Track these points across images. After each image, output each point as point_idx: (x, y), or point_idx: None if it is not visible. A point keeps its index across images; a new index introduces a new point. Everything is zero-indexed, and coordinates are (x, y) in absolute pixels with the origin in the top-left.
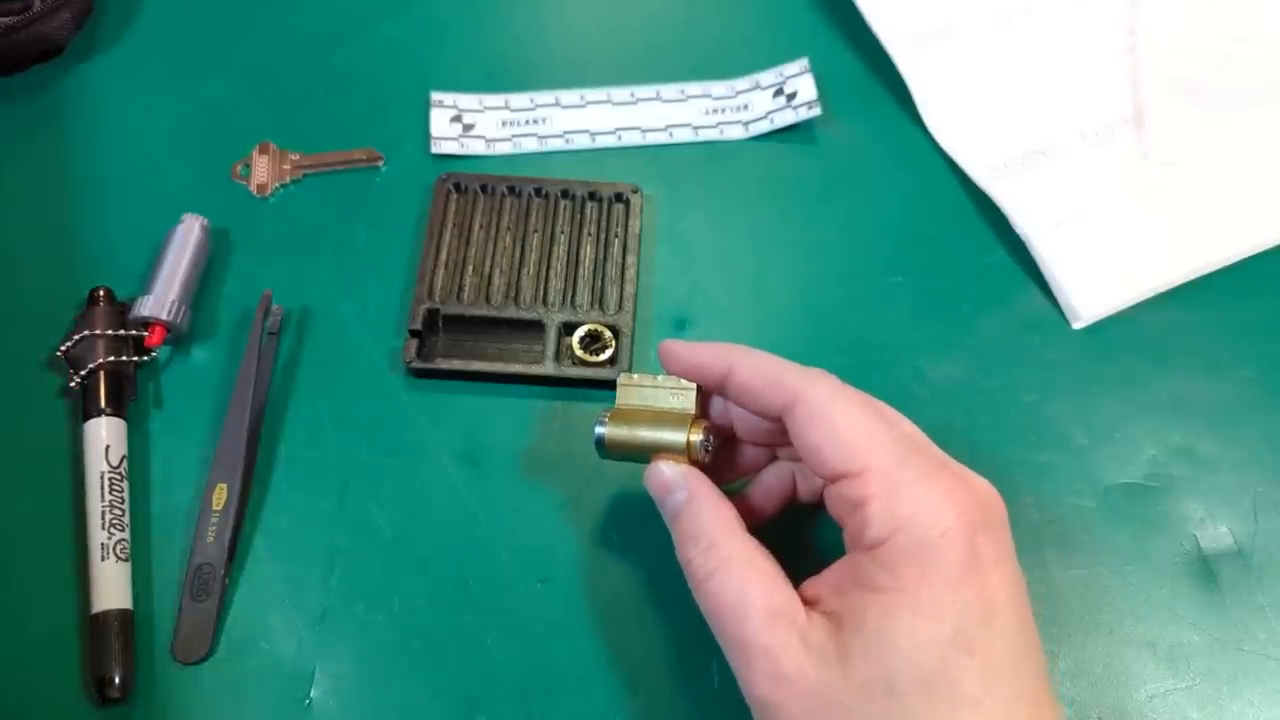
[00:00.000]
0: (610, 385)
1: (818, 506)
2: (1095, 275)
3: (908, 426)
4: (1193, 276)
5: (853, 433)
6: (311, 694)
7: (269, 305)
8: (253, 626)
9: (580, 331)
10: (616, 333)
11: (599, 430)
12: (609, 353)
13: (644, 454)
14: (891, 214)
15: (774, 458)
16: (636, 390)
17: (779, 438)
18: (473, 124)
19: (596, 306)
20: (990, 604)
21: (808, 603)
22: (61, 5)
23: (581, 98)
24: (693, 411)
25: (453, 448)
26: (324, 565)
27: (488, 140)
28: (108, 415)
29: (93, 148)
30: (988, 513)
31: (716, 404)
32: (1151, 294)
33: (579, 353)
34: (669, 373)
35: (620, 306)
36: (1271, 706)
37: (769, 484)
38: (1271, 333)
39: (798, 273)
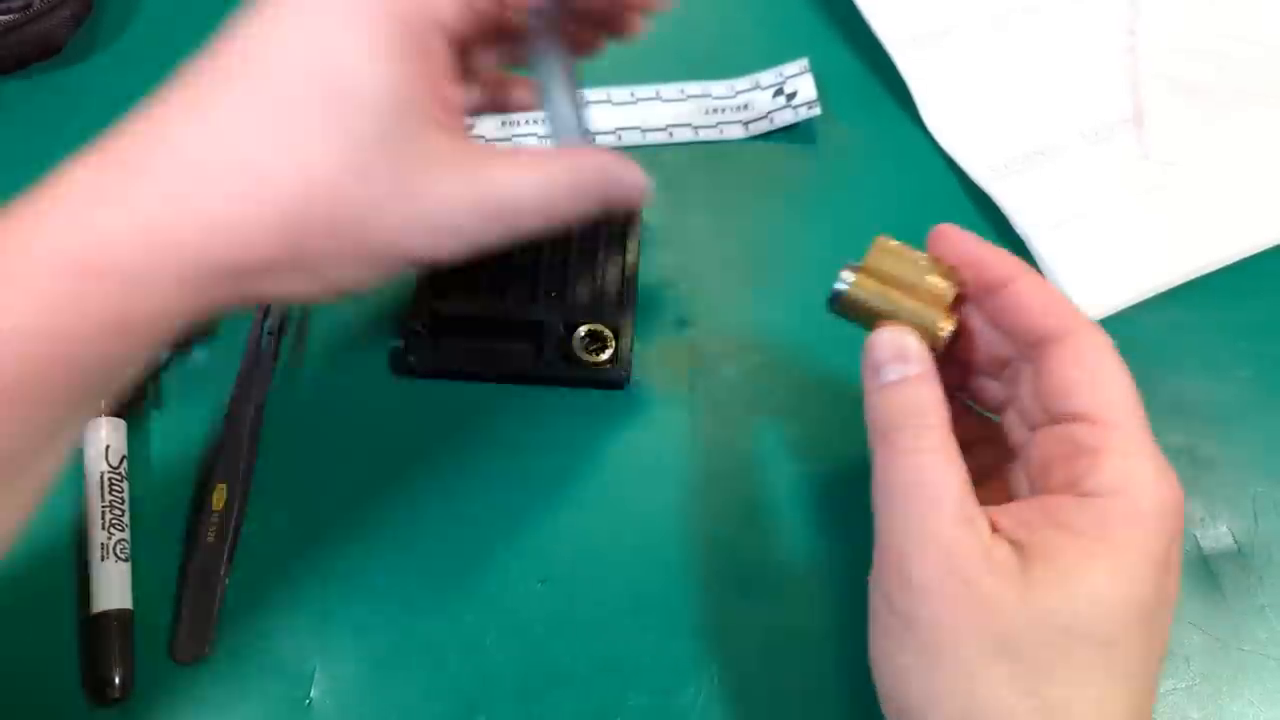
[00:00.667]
0: (611, 385)
1: None
2: (1095, 275)
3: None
4: (1193, 276)
5: (1117, 385)
6: (311, 694)
7: (269, 305)
8: (253, 626)
9: (580, 331)
10: (616, 333)
11: (842, 285)
12: (609, 353)
13: (876, 320)
14: (891, 214)
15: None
16: (891, 256)
17: (997, 370)
18: (472, 124)
19: (596, 306)
20: (1166, 601)
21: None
22: (60, 3)
23: None
24: (950, 297)
25: (453, 448)
26: (324, 565)
27: (487, 140)
28: (108, 415)
29: None
30: (1182, 518)
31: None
32: (1151, 294)
33: (579, 353)
34: (938, 259)
35: (620, 307)
36: (1271, 706)
37: None
38: (1271, 333)
39: (798, 273)
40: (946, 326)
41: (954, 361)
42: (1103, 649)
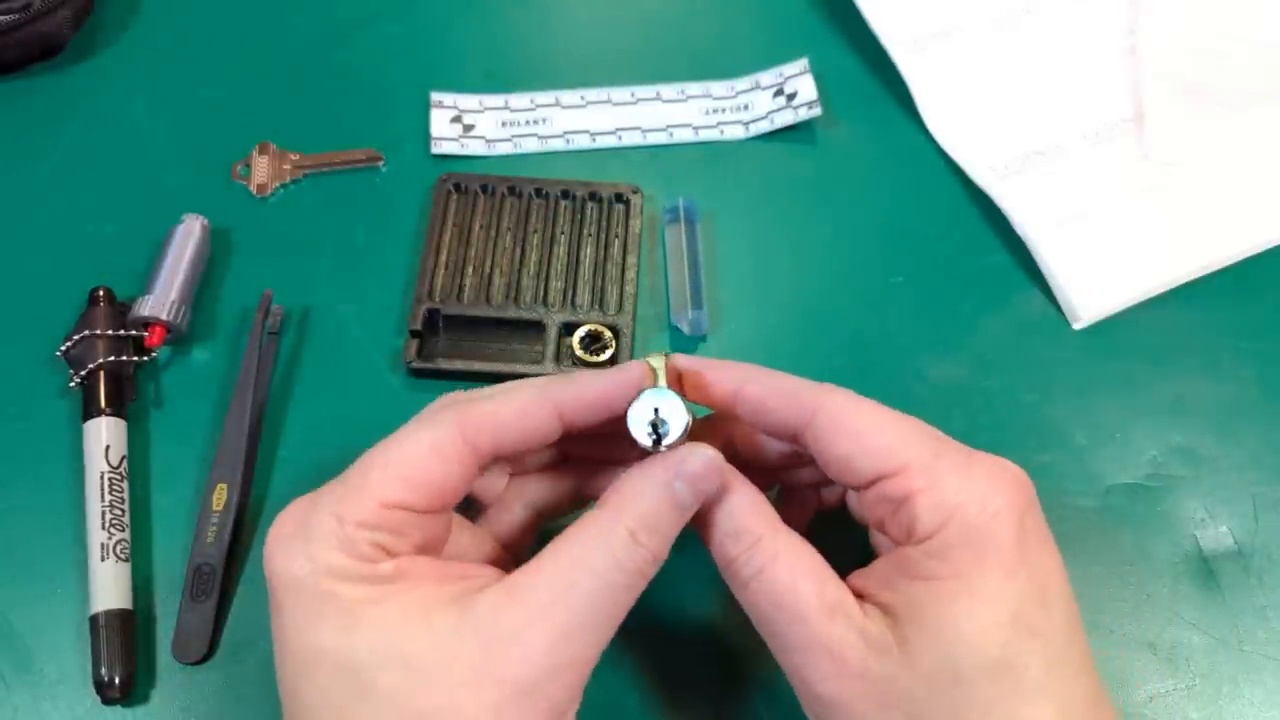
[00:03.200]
0: None
1: (838, 511)
2: (1095, 275)
3: (925, 425)
4: (1193, 276)
5: (882, 434)
6: None
7: (269, 305)
8: (253, 626)
9: (580, 332)
10: (617, 333)
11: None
12: (609, 353)
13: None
14: (891, 214)
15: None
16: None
17: (790, 460)
18: (473, 124)
19: (596, 307)
20: (1044, 584)
21: (855, 596)
22: (60, 3)
23: (582, 98)
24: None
25: None
26: None
27: (488, 140)
28: (108, 415)
29: (93, 148)
30: (1028, 488)
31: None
32: (1151, 294)
33: (579, 353)
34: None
35: (620, 307)
36: (1271, 707)
37: (797, 499)
38: (1271, 333)
39: (798, 273)
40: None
41: (755, 463)
42: (997, 676)
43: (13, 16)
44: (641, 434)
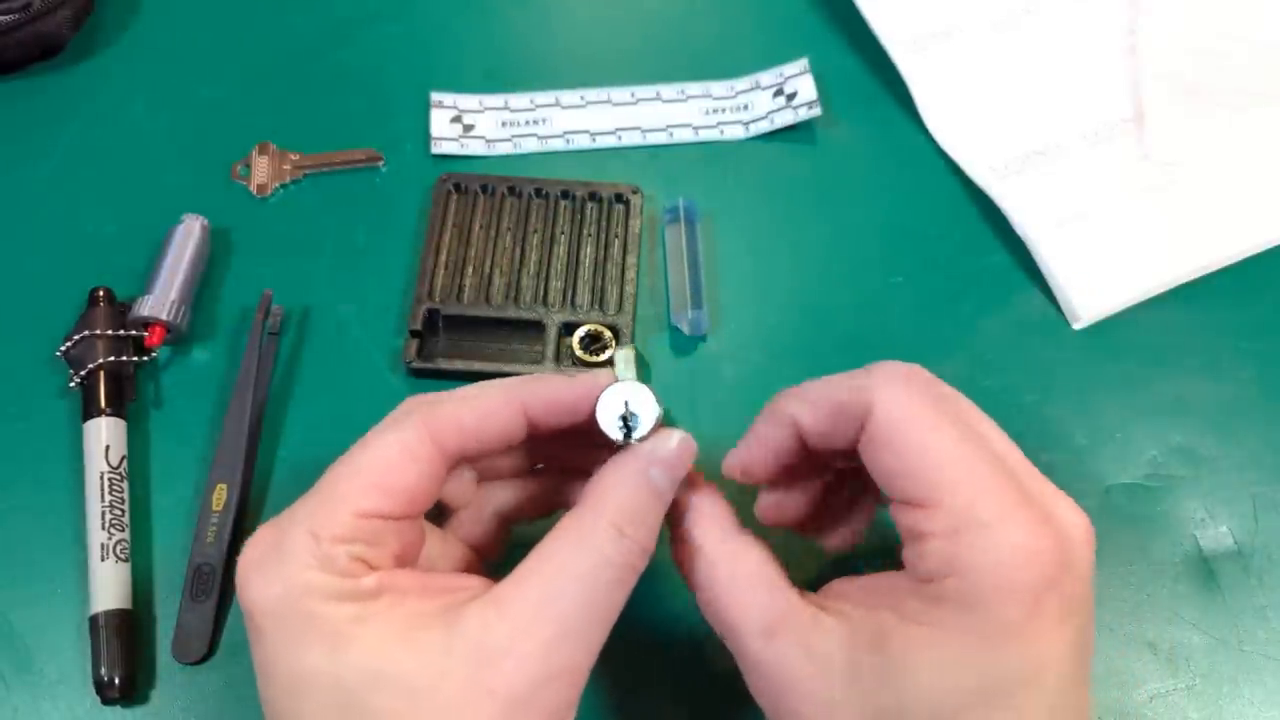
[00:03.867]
0: None
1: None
2: (1095, 275)
3: (994, 436)
4: (1193, 276)
5: (928, 459)
6: None
7: (269, 305)
8: None
9: (580, 332)
10: (616, 333)
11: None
12: (609, 353)
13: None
14: (891, 214)
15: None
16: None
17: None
18: (473, 124)
19: (596, 307)
20: (1038, 664)
21: (831, 598)
22: (60, 3)
23: (581, 98)
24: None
25: None
26: None
27: (488, 140)
28: (108, 415)
29: (93, 148)
30: (1068, 557)
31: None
32: (1151, 294)
33: (579, 353)
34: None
35: (620, 307)
36: (1271, 706)
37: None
38: (1271, 333)
39: (798, 273)
40: None
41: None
42: None
43: (13, 16)
44: (611, 428)
